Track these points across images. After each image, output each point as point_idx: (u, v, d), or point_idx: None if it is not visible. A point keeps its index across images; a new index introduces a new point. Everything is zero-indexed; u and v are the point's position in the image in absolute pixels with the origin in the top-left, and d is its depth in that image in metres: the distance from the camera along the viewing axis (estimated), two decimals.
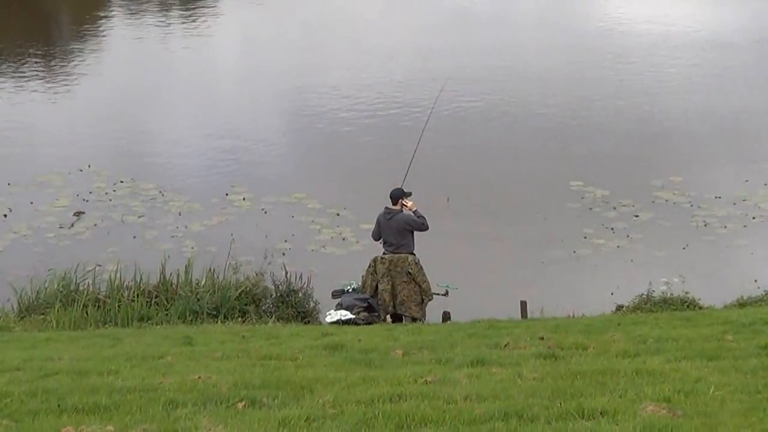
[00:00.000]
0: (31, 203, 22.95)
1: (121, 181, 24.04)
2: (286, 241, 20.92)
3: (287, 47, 36.93)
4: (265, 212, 22.51)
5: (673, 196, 22.82)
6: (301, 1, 45.22)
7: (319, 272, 18.63)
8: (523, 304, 16.82)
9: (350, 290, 16.87)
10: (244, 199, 23.08)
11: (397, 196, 16.92)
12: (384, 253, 16.92)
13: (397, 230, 16.78)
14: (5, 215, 22.49)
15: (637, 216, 21.97)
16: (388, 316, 16.86)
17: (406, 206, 16.88)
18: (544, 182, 23.82)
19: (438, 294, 16.95)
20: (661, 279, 18.59)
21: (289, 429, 8.46)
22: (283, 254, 20.00)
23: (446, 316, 16.87)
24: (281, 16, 42.78)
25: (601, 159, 25.27)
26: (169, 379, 10.20)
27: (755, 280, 18.49)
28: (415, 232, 16.89)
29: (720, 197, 22.66)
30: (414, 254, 16.86)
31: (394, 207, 16.89)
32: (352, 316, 16.22)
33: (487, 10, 42.46)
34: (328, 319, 16.34)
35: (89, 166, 24.90)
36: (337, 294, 16.89)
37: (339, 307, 16.50)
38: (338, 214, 22.13)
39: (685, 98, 29.95)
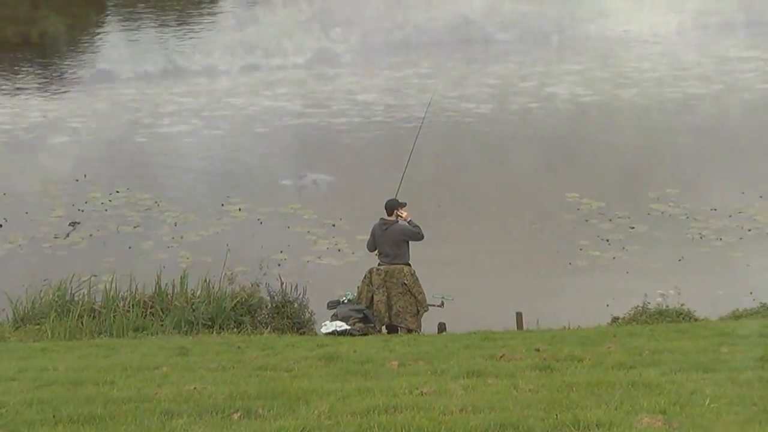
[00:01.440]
0: (26, 213, 22.93)
1: (117, 192, 24.05)
2: (281, 251, 20.91)
3: (287, 55, 36.94)
4: (261, 222, 22.51)
5: (668, 208, 22.85)
6: (302, 11, 45.22)
7: (314, 283, 18.61)
8: (519, 316, 16.82)
9: (346, 301, 16.86)
10: (239, 209, 23.08)
11: (393, 206, 16.93)
12: (379, 264, 16.92)
13: (394, 241, 16.79)
14: (0, 225, 22.47)
15: (632, 228, 21.98)
16: (384, 327, 16.86)
17: (402, 216, 16.90)
18: (539, 193, 23.84)
19: (433, 305, 16.94)
20: (657, 291, 18.59)
21: None
22: (279, 265, 19.99)
23: (442, 327, 16.87)
24: (282, 23, 42.78)
25: (597, 171, 25.30)
26: (165, 390, 10.19)
27: (751, 292, 18.50)
28: (410, 243, 16.90)
29: (716, 209, 22.68)
30: (410, 265, 16.86)
31: (389, 218, 16.90)
32: (348, 327, 16.20)
33: (493, 19, 42.51)
34: (324, 330, 16.32)
35: (85, 176, 24.91)
36: (332, 305, 16.88)
37: (334, 317, 16.49)
38: (334, 225, 22.14)
39: (684, 112, 29.97)
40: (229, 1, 42.30)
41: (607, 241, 21.42)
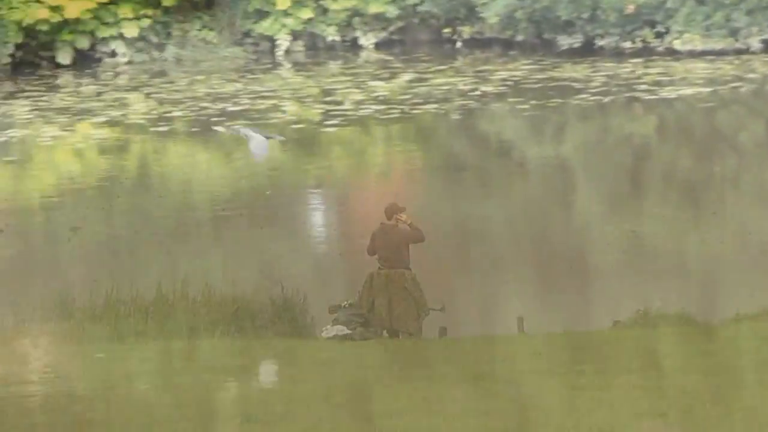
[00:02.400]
0: (26, 219, 22.94)
1: (118, 197, 24.05)
2: (282, 257, 20.91)
3: None
4: (261, 228, 22.50)
5: (670, 212, 22.82)
6: None
7: (315, 288, 18.59)
8: (520, 320, 16.79)
9: (347, 306, 16.84)
10: (240, 214, 23.09)
11: (392, 211, 16.91)
12: (380, 269, 16.90)
13: (393, 245, 16.77)
14: (1, 230, 22.45)
15: (634, 231, 21.96)
16: (385, 332, 16.84)
17: (401, 220, 16.87)
18: (540, 197, 23.82)
19: (434, 309, 16.92)
20: (659, 295, 18.56)
21: None
22: (280, 270, 19.96)
23: (443, 332, 16.84)
24: None
25: (596, 174, 25.29)
26: (166, 395, 10.18)
27: (752, 296, 18.47)
28: (410, 247, 16.87)
29: (716, 213, 22.66)
30: (410, 269, 16.84)
31: (388, 222, 16.89)
32: (349, 332, 16.19)
33: None
34: (325, 335, 16.31)
35: (85, 181, 24.92)
36: (333, 310, 16.86)
37: (335, 322, 16.47)
38: (334, 230, 22.13)
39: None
40: None
41: (609, 244, 21.39)
